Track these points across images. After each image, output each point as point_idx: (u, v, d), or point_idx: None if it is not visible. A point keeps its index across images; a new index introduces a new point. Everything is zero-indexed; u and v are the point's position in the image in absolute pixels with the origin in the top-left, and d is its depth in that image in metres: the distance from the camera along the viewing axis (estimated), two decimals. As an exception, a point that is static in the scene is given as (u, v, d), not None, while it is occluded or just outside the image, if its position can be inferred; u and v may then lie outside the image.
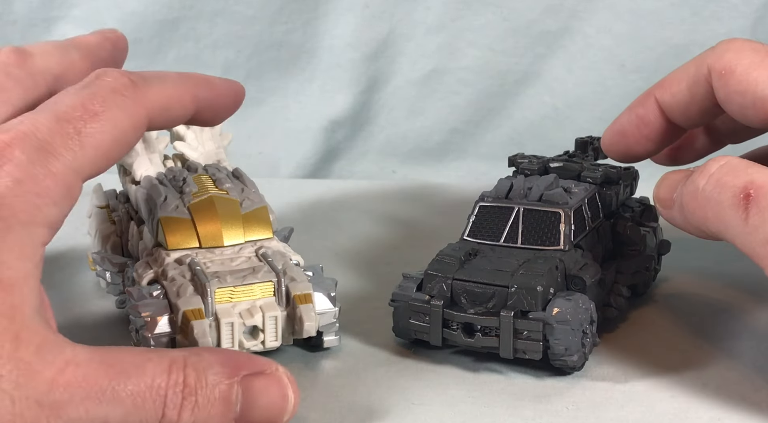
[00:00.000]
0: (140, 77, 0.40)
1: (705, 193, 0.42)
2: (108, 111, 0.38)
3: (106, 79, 0.39)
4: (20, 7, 0.80)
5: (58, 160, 0.37)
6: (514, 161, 0.53)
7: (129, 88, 0.39)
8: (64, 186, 0.37)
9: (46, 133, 0.37)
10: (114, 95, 0.39)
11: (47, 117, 0.38)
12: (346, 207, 0.68)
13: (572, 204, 0.47)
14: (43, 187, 0.36)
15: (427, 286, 0.46)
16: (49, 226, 0.37)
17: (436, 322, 0.45)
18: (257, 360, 0.38)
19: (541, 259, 0.45)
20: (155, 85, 0.40)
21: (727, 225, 0.41)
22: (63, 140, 0.37)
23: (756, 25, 0.78)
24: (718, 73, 0.45)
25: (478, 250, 0.47)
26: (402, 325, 0.46)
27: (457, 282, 0.45)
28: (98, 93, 0.39)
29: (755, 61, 0.44)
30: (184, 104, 0.41)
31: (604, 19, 0.79)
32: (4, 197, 0.35)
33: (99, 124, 0.38)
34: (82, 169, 0.37)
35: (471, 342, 0.44)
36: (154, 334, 0.43)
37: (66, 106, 0.38)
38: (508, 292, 0.44)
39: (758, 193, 0.40)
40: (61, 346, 0.35)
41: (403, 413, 0.42)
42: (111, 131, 0.38)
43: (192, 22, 0.80)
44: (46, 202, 0.36)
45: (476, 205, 0.49)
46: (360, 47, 0.80)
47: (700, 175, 0.42)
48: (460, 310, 0.45)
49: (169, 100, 0.41)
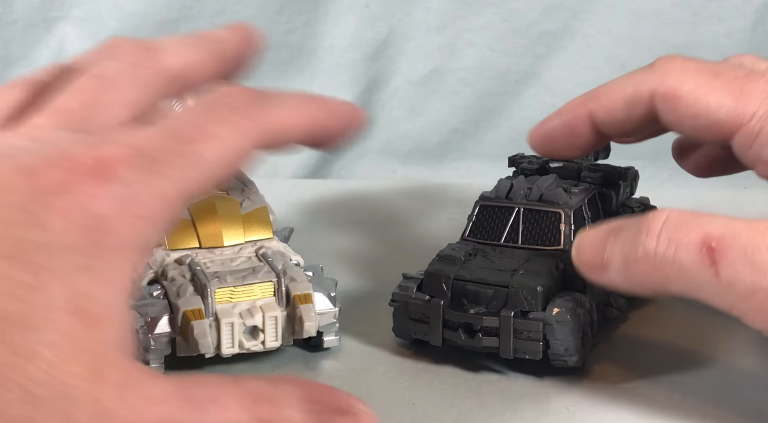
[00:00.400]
0: (260, 96, 0.38)
1: (659, 254, 0.39)
2: (221, 133, 0.36)
3: (228, 98, 0.37)
4: (20, 7, 0.80)
5: (166, 180, 0.34)
6: (514, 161, 0.53)
7: (249, 108, 0.37)
8: (167, 208, 0.34)
9: (158, 151, 0.34)
10: (233, 115, 0.36)
11: (161, 133, 0.35)
12: (346, 207, 0.68)
13: (572, 204, 0.48)
14: (147, 207, 0.33)
15: (427, 286, 0.46)
16: (143, 250, 0.34)
17: (436, 322, 0.45)
18: (338, 395, 0.34)
19: (542, 259, 0.45)
20: (275, 106, 0.38)
21: (696, 285, 0.39)
22: (174, 159, 0.34)
23: (756, 25, 0.78)
24: (662, 96, 0.44)
25: (479, 250, 0.47)
26: (402, 325, 0.46)
27: (458, 282, 0.45)
28: (218, 113, 0.36)
29: (701, 82, 0.43)
30: (299, 126, 0.39)
31: (604, 19, 0.79)
32: (108, 222, 0.32)
33: (210, 147, 0.35)
34: (186, 190, 0.35)
35: (471, 342, 0.44)
36: (154, 334, 0.43)
37: (182, 124, 0.35)
38: (508, 292, 0.44)
39: (721, 245, 0.38)
40: (140, 383, 0.32)
41: (403, 413, 0.42)
42: (223, 154, 0.36)
43: (192, 22, 0.80)
44: (148, 224, 0.33)
45: (476, 205, 0.49)
46: (360, 47, 0.80)
47: (647, 237, 0.39)
48: (461, 310, 0.45)
49: (286, 123, 0.38)
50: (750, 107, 0.42)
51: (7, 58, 0.81)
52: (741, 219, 0.39)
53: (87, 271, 0.32)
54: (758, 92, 0.42)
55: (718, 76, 0.43)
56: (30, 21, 0.80)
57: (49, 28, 0.80)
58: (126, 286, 0.33)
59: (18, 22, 0.80)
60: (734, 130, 0.42)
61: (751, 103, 0.42)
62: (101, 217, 0.32)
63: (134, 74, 0.38)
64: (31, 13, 0.80)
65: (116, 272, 0.33)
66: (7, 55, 0.81)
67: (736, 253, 0.37)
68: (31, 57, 0.81)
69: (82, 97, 0.37)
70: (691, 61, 0.44)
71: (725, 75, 0.43)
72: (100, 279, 0.32)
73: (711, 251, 0.38)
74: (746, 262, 0.37)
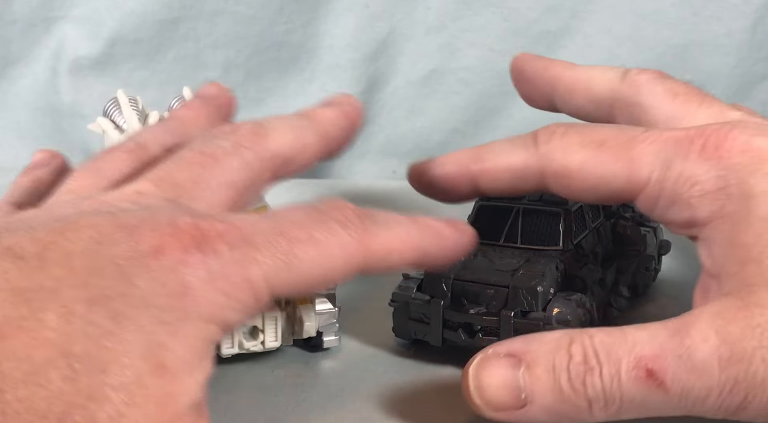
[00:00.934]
0: (371, 219, 0.38)
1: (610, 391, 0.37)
2: (327, 243, 0.36)
3: (338, 211, 0.37)
4: (20, 7, 0.80)
5: (259, 269, 0.34)
6: None
7: (357, 227, 0.37)
8: (254, 296, 0.34)
9: (260, 240, 0.35)
10: (339, 229, 0.37)
11: (269, 226, 0.35)
12: (346, 207, 0.68)
13: (572, 204, 0.47)
14: (233, 286, 0.34)
15: (427, 286, 0.46)
16: (224, 328, 0.34)
17: (437, 322, 0.45)
18: None
19: (542, 259, 0.45)
20: (383, 230, 0.38)
21: (649, 407, 0.37)
22: (272, 252, 0.35)
23: (756, 25, 0.78)
24: (552, 175, 0.42)
25: (479, 250, 0.47)
26: (402, 325, 0.46)
27: (458, 282, 0.45)
28: (326, 222, 0.37)
29: (588, 156, 0.41)
30: (404, 254, 0.39)
31: (604, 19, 0.79)
32: (193, 289, 0.33)
33: (313, 253, 0.36)
34: (276, 287, 0.35)
35: (471, 342, 0.44)
36: (153, 334, 0.43)
37: (290, 223, 0.36)
38: (508, 292, 0.44)
39: (658, 363, 0.36)
40: None
41: (403, 413, 0.42)
42: (321, 264, 0.36)
43: (192, 22, 0.80)
44: (232, 305, 0.34)
45: (476, 205, 0.49)
46: (360, 47, 0.80)
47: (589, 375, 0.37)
48: (461, 310, 0.45)
49: (392, 249, 0.38)
50: (644, 172, 0.40)
51: (7, 58, 0.81)
52: (653, 325, 0.38)
53: (165, 326, 0.32)
54: (647, 155, 0.40)
55: (602, 146, 0.41)
56: (30, 21, 0.80)
57: (48, 27, 0.80)
58: (201, 352, 0.33)
59: (18, 22, 0.80)
60: (634, 196, 0.41)
61: (644, 169, 0.40)
62: (187, 284, 0.33)
63: (241, 155, 0.39)
64: (30, 13, 0.80)
65: (193, 336, 0.33)
66: (7, 55, 0.81)
67: (676, 365, 0.36)
68: (30, 57, 0.81)
69: (188, 172, 0.38)
70: (573, 132, 0.42)
71: (610, 143, 0.41)
72: (177, 335, 0.32)
73: (651, 373, 0.37)
74: (687, 369, 0.36)
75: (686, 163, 0.40)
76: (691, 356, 0.36)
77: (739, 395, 0.36)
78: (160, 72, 0.81)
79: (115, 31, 0.79)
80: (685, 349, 0.36)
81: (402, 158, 0.83)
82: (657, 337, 0.37)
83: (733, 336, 0.36)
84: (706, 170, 0.39)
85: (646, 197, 0.41)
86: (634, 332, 0.37)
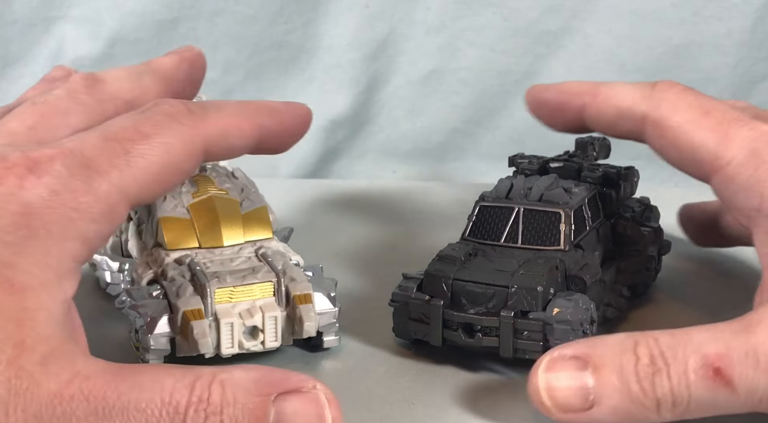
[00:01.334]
0: (198, 106, 0.39)
1: (678, 391, 0.38)
2: (160, 134, 0.37)
3: (163, 106, 0.39)
4: (20, 6, 0.80)
5: (102, 178, 0.36)
6: (514, 161, 0.53)
7: (185, 114, 0.39)
8: (105, 204, 0.36)
9: (92, 150, 0.36)
10: (168, 120, 0.38)
11: (96, 136, 0.37)
12: (346, 207, 0.68)
13: (572, 204, 0.47)
14: (82, 202, 0.35)
15: (427, 286, 0.46)
16: (84, 242, 0.36)
17: (436, 322, 0.45)
18: (293, 377, 0.35)
19: (542, 260, 0.45)
20: (213, 112, 0.40)
21: (717, 406, 0.38)
22: (109, 158, 0.36)
23: (756, 25, 0.78)
24: (652, 123, 0.44)
25: (479, 250, 0.47)
26: (402, 326, 0.46)
27: (458, 282, 0.45)
28: (152, 117, 0.38)
29: (691, 118, 0.43)
30: (244, 133, 0.40)
31: (604, 19, 0.79)
32: (34, 207, 0.35)
33: (149, 147, 0.37)
34: (127, 189, 0.37)
35: (471, 342, 0.44)
36: (153, 334, 0.43)
37: (117, 127, 0.37)
38: (508, 292, 0.44)
39: (725, 362, 0.37)
40: (71, 357, 0.33)
41: (403, 413, 0.42)
42: (162, 155, 0.37)
43: (192, 22, 0.80)
44: (83, 217, 0.35)
45: (476, 206, 0.49)
46: (360, 47, 0.80)
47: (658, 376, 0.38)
48: (461, 310, 0.45)
49: (228, 128, 0.40)
50: (730, 152, 0.42)
51: (7, 58, 0.81)
52: (717, 325, 0.39)
53: (10, 246, 0.34)
54: (741, 138, 0.42)
55: (708, 115, 0.43)
56: (29, 21, 0.80)
57: (48, 27, 0.80)
58: (59, 270, 0.35)
59: (17, 22, 0.80)
60: (712, 172, 0.43)
61: (732, 148, 0.42)
62: (28, 205, 0.35)
63: (76, 99, 0.41)
64: (30, 13, 0.80)
65: (43, 253, 0.34)
66: (7, 55, 0.81)
67: (742, 363, 0.37)
68: (30, 57, 0.81)
69: (22, 121, 0.40)
70: (689, 93, 0.44)
71: (715, 114, 0.43)
72: (23, 254, 0.34)
73: (719, 372, 0.37)
74: (754, 367, 0.37)
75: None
76: (757, 353, 0.37)
77: None
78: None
79: (115, 31, 0.79)
80: (751, 346, 0.37)
81: (402, 158, 0.83)
82: (722, 336, 0.38)
83: None
84: None
85: (723, 176, 0.42)
86: (699, 333, 0.38)
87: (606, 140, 0.54)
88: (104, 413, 0.32)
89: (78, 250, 0.36)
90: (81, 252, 0.36)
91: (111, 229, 0.37)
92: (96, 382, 0.33)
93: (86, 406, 0.32)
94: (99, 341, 0.41)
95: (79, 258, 0.36)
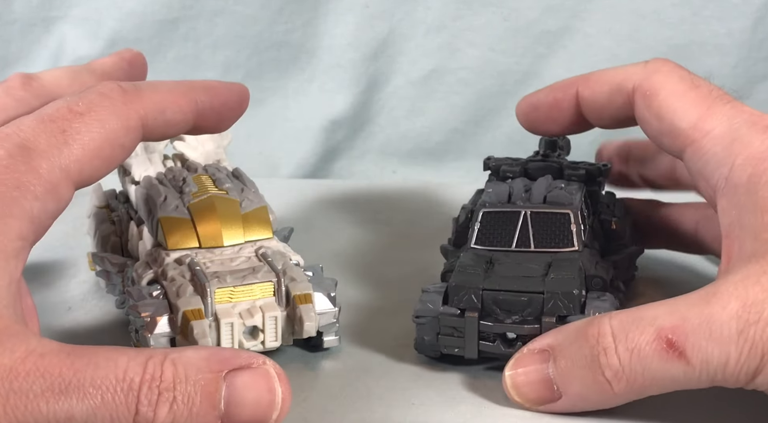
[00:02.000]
0: (132, 85, 0.40)
1: (627, 368, 0.38)
2: (94, 112, 0.38)
3: (96, 87, 0.39)
4: (20, 6, 0.80)
5: (42, 157, 0.37)
6: (488, 164, 0.53)
7: (117, 92, 0.39)
8: (48, 182, 0.37)
9: (29, 132, 0.37)
10: (101, 98, 0.39)
11: (32, 118, 0.38)
12: (346, 207, 0.68)
13: (576, 203, 0.47)
14: (23, 181, 0.36)
15: (454, 298, 0.44)
16: (30, 220, 0.36)
17: (472, 335, 0.44)
18: (242, 354, 0.36)
19: (566, 262, 0.45)
20: (147, 90, 0.40)
21: (672, 379, 0.38)
22: (47, 138, 0.37)
23: (756, 25, 0.78)
24: (642, 92, 0.45)
25: (493, 258, 0.46)
26: (429, 341, 0.45)
27: (487, 292, 0.44)
28: (85, 97, 0.39)
29: (679, 89, 0.44)
30: (181, 109, 0.41)
31: (604, 19, 0.79)
32: None
33: (84, 124, 0.38)
34: (68, 167, 0.37)
35: (511, 352, 0.43)
36: (153, 334, 0.43)
37: (51, 109, 0.38)
38: (543, 298, 0.43)
39: (678, 333, 0.38)
40: (23, 337, 0.34)
41: (403, 413, 0.42)
42: (99, 131, 0.38)
43: (192, 22, 0.80)
44: (26, 196, 0.36)
45: (479, 212, 0.48)
46: (360, 47, 0.80)
47: (606, 355, 0.39)
48: (495, 320, 0.44)
49: (163, 104, 0.41)
50: (708, 125, 0.43)
51: (7, 58, 0.81)
52: (675, 299, 0.39)
53: None
54: (721, 113, 0.43)
55: (695, 89, 0.44)
56: (29, 21, 0.80)
57: (48, 27, 0.80)
58: (5, 250, 0.35)
59: (17, 21, 0.80)
60: (688, 143, 0.43)
61: (711, 122, 0.43)
62: None
63: (12, 95, 0.43)
64: (30, 13, 0.80)
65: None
66: (7, 55, 0.81)
67: (696, 335, 0.38)
68: (30, 57, 0.81)
69: None
70: (681, 69, 0.45)
71: (702, 90, 0.44)
72: None
73: (671, 344, 0.38)
74: (707, 337, 0.38)
75: (748, 132, 0.42)
76: (711, 323, 0.37)
77: (755, 358, 0.37)
78: (160, 72, 0.80)
79: (115, 31, 0.79)
80: (705, 317, 0.38)
81: (402, 158, 0.83)
82: (677, 309, 0.38)
83: (752, 299, 0.37)
84: (762, 141, 0.41)
85: (698, 148, 0.43)
86: (656, 308, 0.39)
87: (567, 138, 0.54)
88: (61, 389, 0.33)
89: (24, 228, 0.36)
90: (27, 230, 0.36)
91: (56, 207, 0.38)
92: (51, 360, 0.33)
93: (42, 382, 0.33)
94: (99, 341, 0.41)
95: (26, 236, 0.36)
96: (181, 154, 0.53)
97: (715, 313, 0.38)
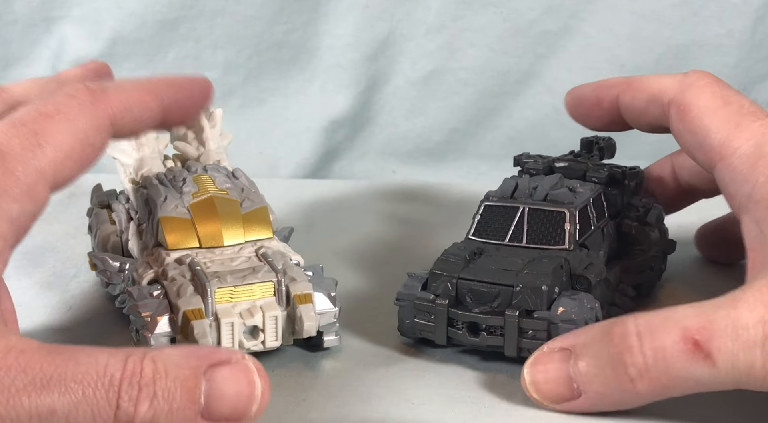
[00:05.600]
0: (97, 85, 0.41)
1: (651, 368, 0.39)
2: (63, 113, 0.39)
3: (63, 89, 0.40)
4: (20, 7, 0.80)
5: (16, 160, 0.37)
6: (519, 161, 0.53)
7: (84, 92, 0.40)
8: (24, 184, 0.37)
9: (2, 137, 0.37)
10: (69, 99, 0.39)
11: (3, 123, 0.38)
12: (346, 207, 0.68)
13: (577, 203, 0.47)
14: (0, 185, 0.37)
15: (432, 285, 0.46)
16: (10, 222, 0.37)
17: (441, 321, 0.45)
18: (221, 350, 0.36)
19: (546, 259, 0.45)
20: (113, 89, 0.41)
21: (696, 380, 0.39)
22: (20, 141, 0.37)
23: (756, 25, 0.78)
24: (676, 107, 0.46)
25: (483, 250, 0.47)
26: (407, 324, 0.46)
27: (462, 281, 0.45)
28: (52, 99, 0.39)
29: (710, 106, 0.45)
30: (147, 106, 0.42)
31: (604, 19, 0.79)
32: None
33: (55, 125, 0.38)
34: (44, 169, 0.38)
35: (476, 341, 0.44)
36: (154, 334, 0.43)
37: (21, 113, 0.39)
38: (513, 292, 0.44)
39: (704, 334, 0.38)
40: (5, 333, 0.34)
41: (403, 413, 0.42)
42: (69, 132, 0.39)
43: (192, 22, 0.80)
44: (5, 199, 0.36)
45: (481, 205, 0.49)
46: (360, 47, 0.80)
47: (630, 354, 0.39)
48: (465, 309, 0.45)
49: (129, 102, 0.41)
50: (737, 142, 0.43)
51: (7, 58, 0.81)
52: (707, 302, 0.39)
53: None
54: (750, 131, 0.43)
55: (726, 106, 0.45)
56: (30, 21, 0.80)
57: (48, 27, 0.80)
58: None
59: (18, 22, 0.80)
60: (718, 159, 0.44)
61: (740, 139, 0.43)
62: None
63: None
64: (31, 13, 0.80)
65: None
66: (7, 55, 0.81)
67: (722, 337, 0.38)
68: (31, 57, 0.81)
69: None
70: (715, 84, 0.46)
71: (733, 106, 0.45)
72: None
73: (697, 345, 0.38)
74: (733, 340, 0.38)
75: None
76: (737, 327, 0.38)
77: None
78: (161, 72, 0.81)
79: (115, 31, 0.79)
80: (732, 320, 0.38)
81: (402, 158, 0.83)
82: (704, 311, 0.39)
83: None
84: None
85: (727, 165, 0.44)
86: (683, 309, 0.39)
87: (611, 140, 0.54)
88: (42, 384, 0.33)
89: (4, 231, 0.37)
90: (6, 231, 0.37)
91: (34, 209, 0.38)
92: (32, 356, 0.34)
93: (24, 377, 0.33)
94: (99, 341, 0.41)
95: (7, 238, 0.37)
96: (181, 154, 0.53)
97: (741, 316, 0.38)
